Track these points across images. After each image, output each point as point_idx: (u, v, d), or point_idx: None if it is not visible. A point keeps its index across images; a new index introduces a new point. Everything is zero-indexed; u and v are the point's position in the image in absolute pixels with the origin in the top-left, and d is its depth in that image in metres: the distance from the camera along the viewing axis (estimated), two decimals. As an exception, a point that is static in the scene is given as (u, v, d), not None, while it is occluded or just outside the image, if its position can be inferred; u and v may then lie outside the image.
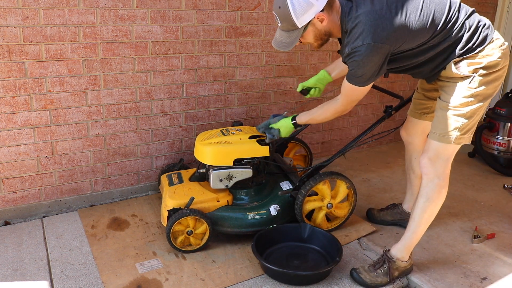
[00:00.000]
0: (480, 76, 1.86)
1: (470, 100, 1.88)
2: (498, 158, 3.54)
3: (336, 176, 2.41)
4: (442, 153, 1.98)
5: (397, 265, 2.09)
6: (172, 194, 2.31)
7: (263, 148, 2.35)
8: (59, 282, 2.01)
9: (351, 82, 1.90)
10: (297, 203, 2.34)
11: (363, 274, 2.09)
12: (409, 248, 2.11)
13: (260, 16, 2.96)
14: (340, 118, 3.62)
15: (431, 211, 2.03)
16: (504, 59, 1.90)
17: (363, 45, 1.75)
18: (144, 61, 2.63)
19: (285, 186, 2.46)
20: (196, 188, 2.37)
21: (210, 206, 2.28)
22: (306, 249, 2.29)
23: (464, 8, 1.91)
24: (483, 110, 1.95)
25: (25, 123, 2.41)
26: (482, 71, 1.86)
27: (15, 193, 2.49)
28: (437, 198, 2.01)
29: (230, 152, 2.31)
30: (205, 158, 2.34)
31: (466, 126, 1.93)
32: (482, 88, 1.87)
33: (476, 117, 1.94)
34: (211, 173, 2.32)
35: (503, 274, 2.20)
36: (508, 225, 2.67)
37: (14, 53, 2.27)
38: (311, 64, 3.32)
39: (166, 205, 2.26)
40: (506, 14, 4.50)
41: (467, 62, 1.87)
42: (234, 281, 2.07)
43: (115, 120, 2.65)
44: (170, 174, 2.58)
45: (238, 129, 2.50)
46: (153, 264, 2.16)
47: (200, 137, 2.46)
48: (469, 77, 1.87)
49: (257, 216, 2.30)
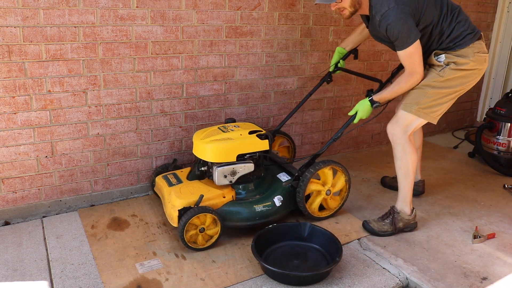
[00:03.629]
0: (451, 69, 2.29)
1: (436, 83, 2.30)
2: (498, 158, 3.54)
3: (341, 166, 2.58)
4: (402, 119, 2.38)
5: (401, 216, 2.49)
6: (179, 193, 2.32)
7: (264, 142, 2.45)
8: (59, 282, 2.01)
9: (400, 49, 2.20)
10: (303, 180, 2.45)
11: (372, 223, 2.50)
12: (405, 201, 2.49)
13: (260, 16, 2.96)
14: (340, 118, 3.63)
15: (405, 167, 2.44)
16: (476, 63, 2.30)
17: (389, 9, 2.11)
18: (144, 61, 2.63)
19: (283, 177, 2.55)
20: (200, 186, 2.40)
21: (217, 202, 2.32)
22: (306, 248, 2.29)
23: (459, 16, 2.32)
24: (448, 98, 2.36)
25: (25, 123, 2.41)
26: (453, 65, 2.29)
27: (15, 193, 2.49)
28: (404, 156, 2.41)
29: (233, 148, 2.37)
30: (208, 155, 2.37)
31: (426, 102, 2.32)
32: (449, 77, 2.30)
33: (438, 100, 2.34)
34: (215, 170, 2.35)
35: (503, 274, 2.20)
36: (508, 225, 2.67)
37: (14, 53, 2.27)
38: (311, 64, 3.32)
39: (174, 205, 2.26)
40: (506, 14, 4.50)
41: (445, 55, 2.31)
42: (234, 281, 2.07)
43: (115, 120, 2.65)
44: (165, 175, 2.59)
45: (235, 125, 2.56)
46: (153, 264, 2.16)
47: (199, 135, 2.48)
48: (442, 66, 2.31)
49: (263, 208, 2.37)
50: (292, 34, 3.14)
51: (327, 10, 3.25)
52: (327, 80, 2.86)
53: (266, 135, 2.48)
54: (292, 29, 3.13)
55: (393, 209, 2.51)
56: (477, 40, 2.32)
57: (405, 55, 2.22)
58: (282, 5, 3.03)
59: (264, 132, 2.51)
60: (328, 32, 3.31)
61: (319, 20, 3.24)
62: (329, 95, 3.50)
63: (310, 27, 3.21)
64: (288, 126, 3.37)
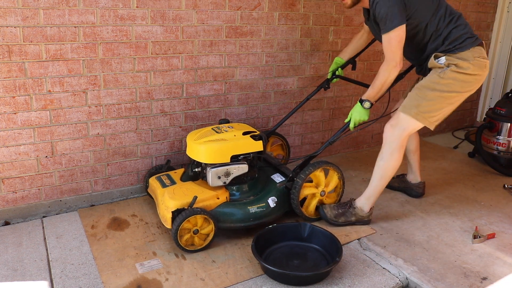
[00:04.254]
0: (452, 70, 2.26)
1: (436, 85, 2.28)
2: (498, 158, 3.54)
3: (331, 165, 2.57)
4: (401, 122, 2.36)
5: (355, 211, 2.52)
6: (172, 194, 2.30)
7: (257, 143, 2.44)
8: (59, 282, 2.01)
9: (384, 32, 2.18)
10: (295, 187, 2.44)
11: (327, 209, 2.52)
12: (369, 199, 2.50)
13: (260, 16, 2.96)
14: (340, 118, 3.63)
15: (385, 170, 2.42)
16: (476, 67, 2.27)
17: None
18: (144, 61, 2.63)
19: (277, 178, 2.55)
20: (194, 187, 2.39)
21: (211, 203, 2.31)
22: (306, 248, 2.29)
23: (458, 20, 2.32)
24: (447, 103, 2.32)
25: (25, 123, 2.41)
26: (454, 67, 2.26)
27: (15, 193, 2.49)
28: (390, 159, 2.39)
29: (227, 149, 2.36)
30: (202, 156, 2.36)
31: (426, 106, 2.30)
32: (449, 79, 2.27)
33: (438, 104, 2.31)
34: (209, 171, 2.34)
35: (503, 274, 2.20)
36: (508, 225, 2.67)
37: (14, 53, 2.27)
38: (311, 64, 3.32)
39: (167, 207, 2.25)
40: (506, 14, 4.50)
41: (446, 57, 2.29)
42: (234, 281, 2.07)
43: (115, 120, 2.65)
44: (159, 176, 2.58)
45: (229, 126, 2.54)
46: (153, 264, 2.16)
47: (192, 136, 2.48)
48: (443, 67, 2.29)
49: (257, 210, 2.36)
50: (292, 34, 3.14)
51: (327, 10, 3.25)
52: (325, 86, 2.87)
53: (260, 136, 2.47)
54: (292, 29, 3.13)
55: (351, 203, 2.53)
56: (477, 45, 2.30)
57: (386, 39, 2.19)
58: (282, 5, 3.03)
59: (258, 133, 2.50)
60: (328, 32, 3.31)
61: (319, 20, 3.24)
62: (329, 95, 3.50)
63: (310, 27, 3.21)
64: (288, 126, 3.37)
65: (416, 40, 2.34)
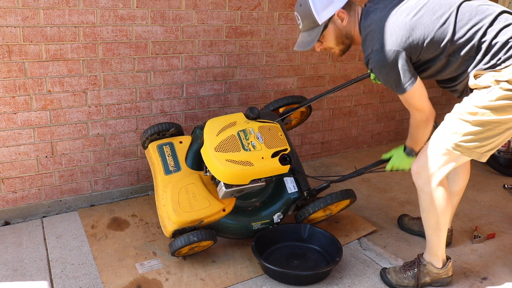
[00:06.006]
0: (502, 89, 1.67)
1: (483, 111, 1.71)
2: (498, 158, 3.54)
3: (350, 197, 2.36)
4: (432, 158, 1.83)
5: (427, 269, 2.01)
6: (176, 205, 2.09)
7: (284, 168, 2.16)
8: (59, 282, 2.01)
9: (399, 94, 1.83)
10: (304, 213, 2.31)
11: (390, 274, 2.07)
12: (435, 254, 2.01)
13: (260, 16, 2.96)
14: (340, 118, 3.63)
15: (434, 220, 1.93)
16: None
17: (372, 51, 1.76)
18: (144, 61, 2.63)
19: (289, 185, 2.36)
20: (202, 194, 2.16)
21: (216, 218, 2.17)
22: (306, 249, 2.29)
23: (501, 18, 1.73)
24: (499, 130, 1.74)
25: (25, 123, 2.41)
26: (506, 84, 1.66)
27: (15, 193, 2.49)
28: (432, 207, 1.90)
29: (250, 174, 2.09)
30: (219, 175, 2.08)
31: (469, 135, 1.75)
32: (501, 103, 1.68)
33: (489, 132, 1.74)
34: (222, 190, 2.12)
35: (503, 274, 2.20)
36: (508, 225, 2.67)
37: (14, 53, 2.27)
38: (311, 64, 3.32)
39: (169, 219, 2.09)
40: (506, 14, 4.48)
41: (491, 74, 1.71)
42: (234, 281, 2.07)
43: (115, 120, 2.65)
44: (160, 144, 2.33)
45: (258, 136, 2.17)
46: (153, 264, 2.16)
47: (212, 137, 2.14)
48: (489, 87, 1.71)
49: (260, 226, 2.26)
50: (292, 34, 3.14)
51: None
52: None
53: (289, 158, 2.17)
54: (292, 29, 3.13)
55: (419, 259, 2.04)
56: None
57: (403, 100, 1.86)
58: (282, 5, 3.03)
59: (288, 151, 2.19)
60: (328, 32, 3.31)
61: (319, 20, 3.23)
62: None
63: (310, 27, 3.21)
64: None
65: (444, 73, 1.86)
